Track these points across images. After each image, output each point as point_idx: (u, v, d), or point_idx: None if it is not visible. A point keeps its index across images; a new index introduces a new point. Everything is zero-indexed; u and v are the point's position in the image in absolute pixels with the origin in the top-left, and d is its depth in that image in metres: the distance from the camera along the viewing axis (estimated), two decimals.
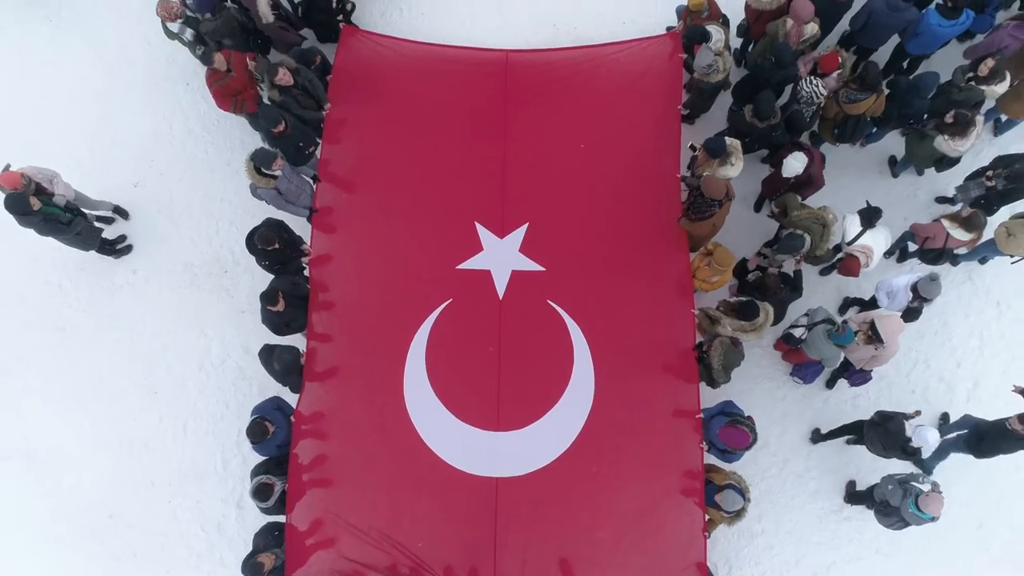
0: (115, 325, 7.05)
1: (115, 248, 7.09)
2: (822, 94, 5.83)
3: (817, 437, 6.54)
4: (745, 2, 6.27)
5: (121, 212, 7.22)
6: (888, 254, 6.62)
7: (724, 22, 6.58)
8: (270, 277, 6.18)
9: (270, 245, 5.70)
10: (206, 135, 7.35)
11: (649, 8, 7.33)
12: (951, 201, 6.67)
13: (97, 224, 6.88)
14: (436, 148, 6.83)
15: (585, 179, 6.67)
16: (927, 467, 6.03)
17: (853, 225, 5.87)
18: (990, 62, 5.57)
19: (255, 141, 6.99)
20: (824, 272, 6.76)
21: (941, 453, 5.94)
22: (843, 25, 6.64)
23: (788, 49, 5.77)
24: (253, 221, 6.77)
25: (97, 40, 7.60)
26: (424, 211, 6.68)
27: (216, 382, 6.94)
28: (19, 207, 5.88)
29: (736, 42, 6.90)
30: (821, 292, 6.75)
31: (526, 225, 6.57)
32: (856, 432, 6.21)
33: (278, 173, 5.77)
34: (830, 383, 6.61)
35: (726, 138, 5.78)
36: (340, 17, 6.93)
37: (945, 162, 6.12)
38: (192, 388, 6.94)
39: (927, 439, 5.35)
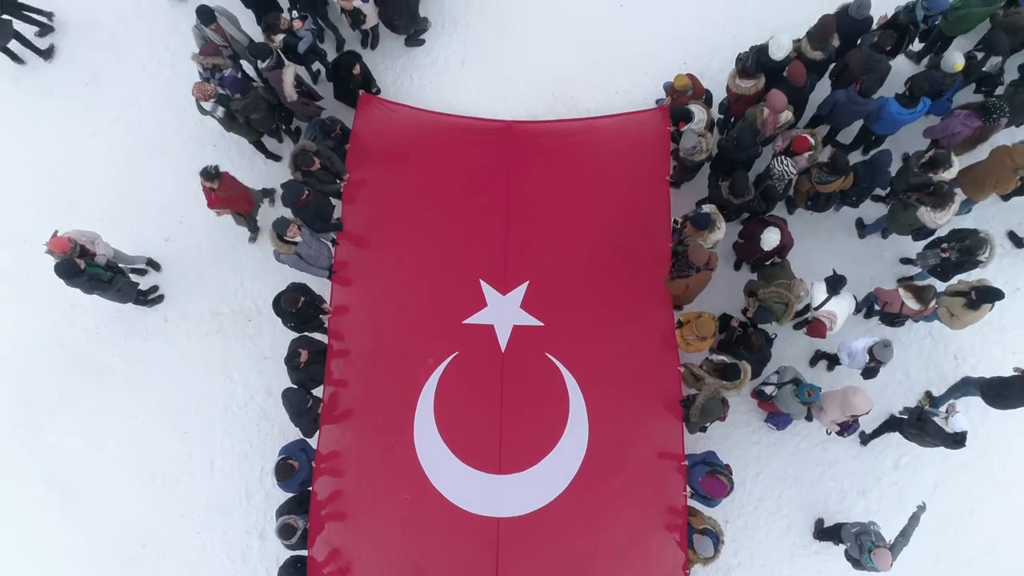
0: (148, 369, 7.69)
1: (148, 298, 7.72)
2: (792, 173, 6.47)
3: (865, 438, 7.18)
4: (727, 84, 6.91)
5: (153, 264, 7.85)
6: (856, 310, 7.26)
7: (707, 100, 7.24)
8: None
9: (294, 307, 6.32)
10: None
11: (639, 79, 7.95)
12: (913, 262, 7.31)
13: (132, 276, 7.52)
14: (445, 209, 7.47)
15: (581, 240, 7.30)
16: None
17: (820, 292, 6.51)
18: (932, 153, 6.21)
19: (277, 198, 7.67)
20: (798, 327, 7.40)
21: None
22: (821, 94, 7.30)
23: (747, 133, 6.42)
24: (275, 274, 7.51)
25: (131, 104, 8.22)
26: (433, 268, 7.33)
27: (241, 423, 7.58)
28: (68, 271, 6.51)
29: (718, 113, 7.53)
30: (795, 344, 7.40)
31: (527, 283, 7.21)
32: (895, 429, 6.83)
33: (297, 240, 6.40)
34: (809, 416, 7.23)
35: (708, 210, 6.40)
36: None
37: (923, 232, 6.75)
38: (219, 428, 7.58)
39: (963, 425, 6.01)
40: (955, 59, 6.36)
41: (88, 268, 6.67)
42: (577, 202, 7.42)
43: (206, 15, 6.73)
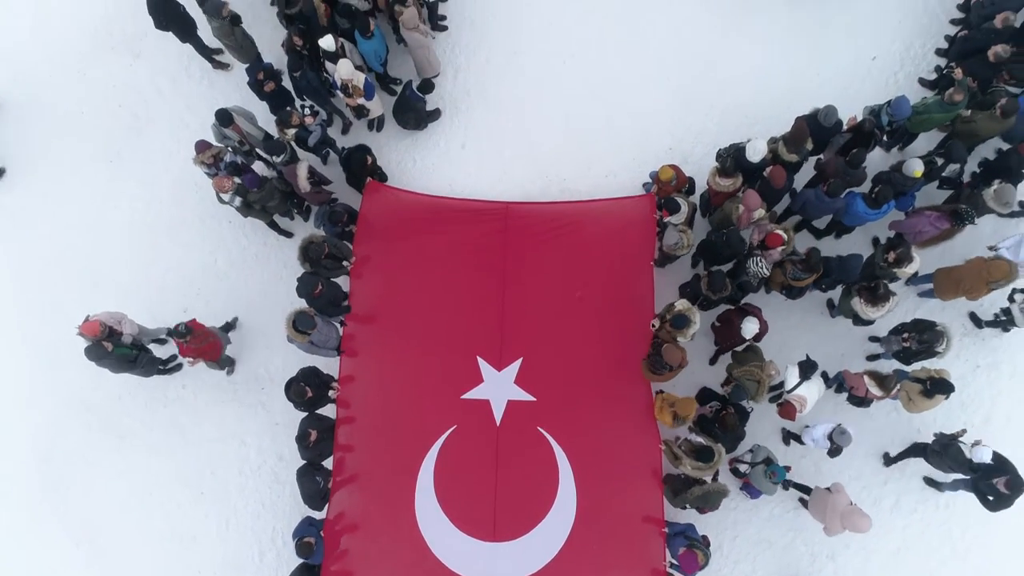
0: (168, 434, 8.25)
1: (167, 367, 8.27)
2: (766, 273, 7.01)
3: (888, 460, 7.76)
4: (707, 180, 7.45)
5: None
6: (828, 385, 7.80)
7: (690, 188, 7.79)
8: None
9: (302, 398, 6.90)
10: (246, 268, 8.52)
11: (628, 163, 8.49)
12: (880, 342, 7.86)
13: (154, 345, 8.07)
14: (445, 287, 8.02)
15: (571, 319, 7.85)
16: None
17: (792, 376, 7.05)
18: (893, 255, 6.75)
19: (291, 274, 8.18)
20: (774, 399, 7.94)
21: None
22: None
23: (736, 235, 6.99)
24: (286, 347, 7.95)
25: (151, 181, 8.77)
26: (435, 344, 7.88)
27: (254, 484, 8.14)
28: (97, 354, 7.07)
29: (698, 203, 8.07)
30: (772, 417, 7.93)
31: (521, 359, 7.77)
32: (920, 454, 7.38)
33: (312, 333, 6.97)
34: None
35: (683, 310, 6.92)
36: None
37: (860, 320, 7.30)
38: (233, 490, 8.14)
39: (985, 456, 6.56)
40: (915, 166, 6.91)
41: (115, 349, 7.21)
42: (568, 282, 7.96)
43: (224, 117, 7.28)
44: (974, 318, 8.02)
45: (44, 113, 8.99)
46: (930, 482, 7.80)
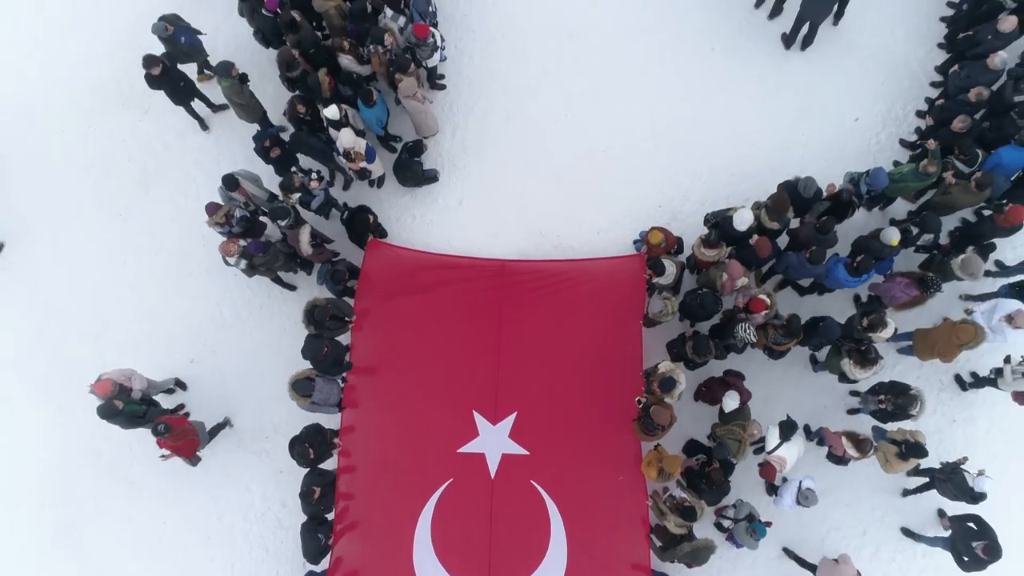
0: (175, 480, 8.55)
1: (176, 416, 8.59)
2: (752, 340, 7.31)
3: (907, 492, 8.11)
4: (693, 249, 7.76)
5: (181, 384, 8.73)
6: (809, 439, 8.12)
7: (679, 247, 8.12)
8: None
9: (306, 458, 7.24)
10: (251, 319, 8.86)
11: (619, 220, 8.80)
12: (860, 398, 8.17)
13: (162, 395, 8.41)
14: (443, 342, 8.32)
15: (563, 374, 8.15)
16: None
17: (773, 437, 7.36)
18: (867, 320, 7.07)
19: (295, 326, 8.51)
20: (759, 451, 8.26)
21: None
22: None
23: (709, 298, 7.33)
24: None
25: (160, 234, 9.10)
26: (432, 398, 8.19)
27: (258, 530, 8.47)
28: (108, 412, 7.39)
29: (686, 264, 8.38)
30: (755, 469, 8.24)
31: (515, 414, 8.08)
32: (932, 488, 7.71)
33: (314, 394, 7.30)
34: None
35: (667, 372, 7.22)
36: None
37: (845, 379, 7.62)
38: (238, 535, 8.47)
39: (985, 487, 6.93)
40: (892, 235, 7.22)
41: (126, 406, 7.53)
42: (561, 338, 8.26)
43: (231, 182, 7.60)
44: (959, 380, 8.31)
45: (55, 167, 9.32)
46: (907, 533, 8.13)
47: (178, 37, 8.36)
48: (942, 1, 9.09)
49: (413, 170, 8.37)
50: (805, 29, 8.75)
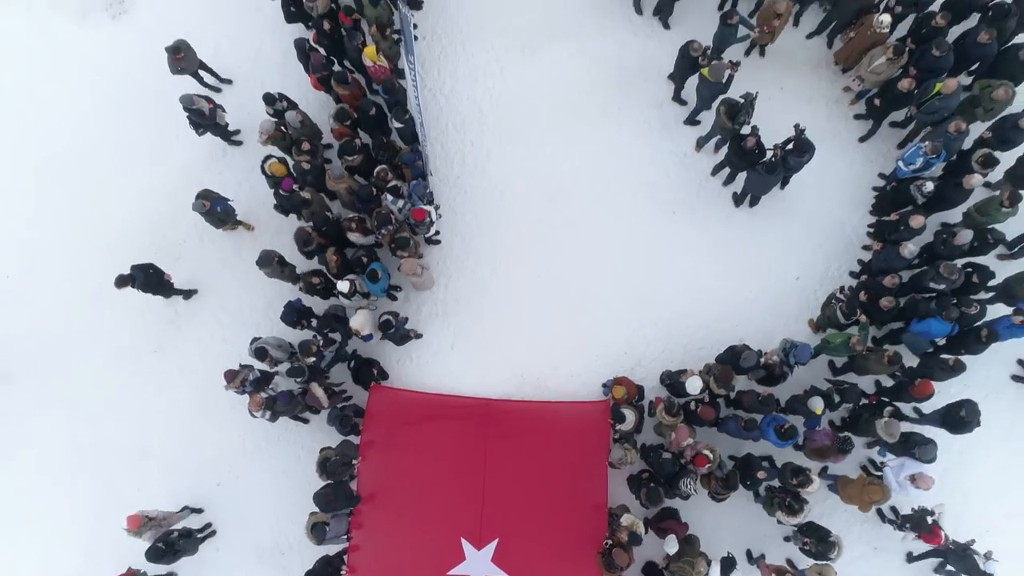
0: None
1: (202, 535, 9.90)
2: (695, 493, 8.65)
3: (911, 558, 9.36)
4: (656, 415, 9.08)
5: (195, 510, 10.04)
6: (751, 563, 9.46)
7: (640, 395, 9.45)
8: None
9: None
10: (269, 448, 10.18)
11: (591, 364, 10.11)
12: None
13: (191, 514, 9.75)
14: (435, 473, 9.65)
15: (539, 506, 9.47)
16: None
17: (715, 572, 8.70)
18: (796, 480, 8.40)
19: (307, 455, 9.86)
20: None
21: None
22: None
23: (669, 463, 8.63)
24: (304, 517, 9.61)
25: (189, 370, 10.39)
26: (426, 523, 9.51)
27: None
28: (156, 556, 8.72)
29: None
30: None
31: (497, 540, 9.41)
32: (938, 556, 9.04)
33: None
34: None
35: (634, 529, 8.55)
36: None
37: (781, 522, 8.96)
38: None
39: (994, 569, 8.27)
40: (816, 405, 8.56)
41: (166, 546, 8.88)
42: (537, 473, 9.58)
43: (260, 352, 8.93)
44: (880, 512, 9.60)
45: (102, 307, 10.58)
46: None
47: (214, 207, 9.66)
48: (875, 171, 10.41)
49: (407, 336, 9.70)
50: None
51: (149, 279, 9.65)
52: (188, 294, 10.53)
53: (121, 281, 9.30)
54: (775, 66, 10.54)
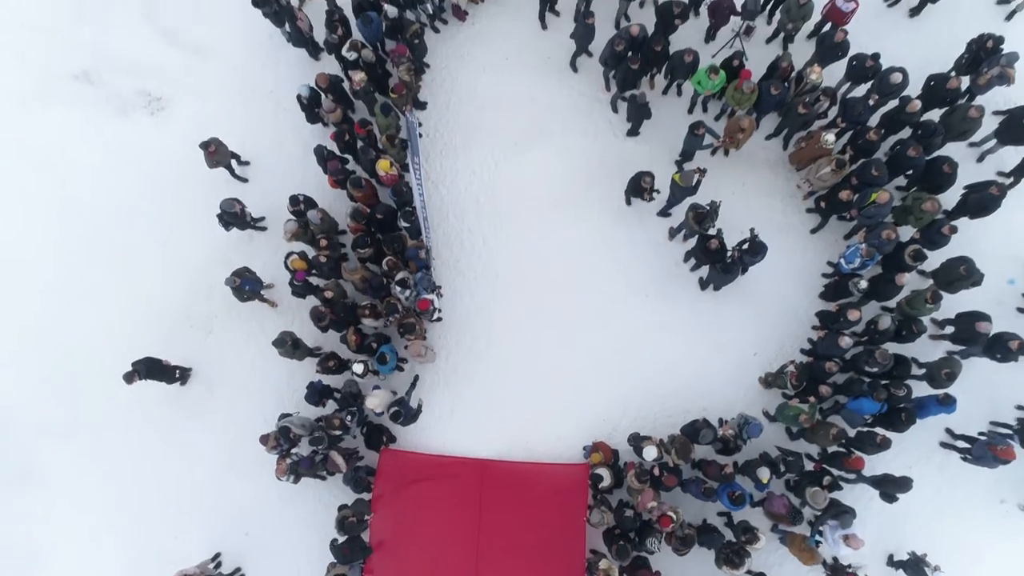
0: None
1: None
2: (659, 550, 10.07)
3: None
4: (627, 480, 10.51)
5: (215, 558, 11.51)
6: None
7: (615, 458, 10.88)
8: None
9: None
10: (293, 501, 11.56)
11: (574, 429, 11.49)
12: None
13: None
14: (437, 524, 11.07)
15: (525, 556, 10.89)
16: None
17: None
18: (744, 537, 9.81)
19: (325, 508, 11.28)
20: None
21: None
22: None
23: (644, 526, 10.06)
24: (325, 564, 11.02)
25: (220, 430, 11.82)
26: (427, 570, 10.96)
27: None
28: None
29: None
30: None
31: None
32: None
33: None
34: None
35: (610, 573, 9.99)
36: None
37: None
38: None
39: None
40: (763, 474, 9.96)
41: None
42: (525, 526, 10.98)
43: (284, 431, 10.37)
44: (824, 564, 10.90)
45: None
46: None
47: (244, 286, 11.09)
48: (824, 260, 11.82)
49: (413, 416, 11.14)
50: None
51: (151, 369, 11.08)
52: (185, 373, 11.87)
53: (128, 376, 10.75)
54: (738, 165, 11.94)
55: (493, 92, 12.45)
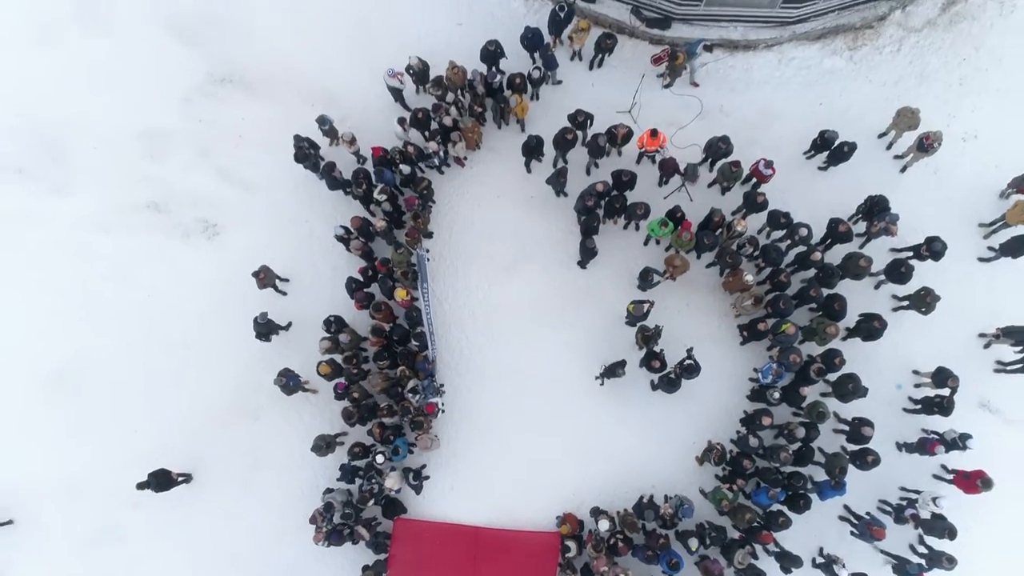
0: None
1: None
2: None
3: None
4: (588, 548, 13.40)
5: None
6: None
7: (581, 528, 13.79)
8: None
9: None
10: (328, 563, 14.46)
11: (549, 502, 14.36)
12: None
13: None
14: None
15: None
16: None
17: None
18: None
19: (355, 564, 14.16)
20: None
21: None
22: None
23: None
24: None
25: (268, 500, 14.70)
26: None
27: None
28: None
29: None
30: None
31: None
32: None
33: None
34: None
35: None
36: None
37: None
38: None
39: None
40: (693, 544, 12.87)
41: None
42: None
43: (328, 506, 13.27)
44: None
45: (195, 461, 14.87)
46: None
47: (288, 383, 13.97)
48: (751, 367, 14.73)
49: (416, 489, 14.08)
50: None
51: (159, 481, 13.86)
52: (188, 478, 14.67)
53: (140, 486, 13.64)
54: (683, 288, 14.77)
55: (487, 224, 15.37)
